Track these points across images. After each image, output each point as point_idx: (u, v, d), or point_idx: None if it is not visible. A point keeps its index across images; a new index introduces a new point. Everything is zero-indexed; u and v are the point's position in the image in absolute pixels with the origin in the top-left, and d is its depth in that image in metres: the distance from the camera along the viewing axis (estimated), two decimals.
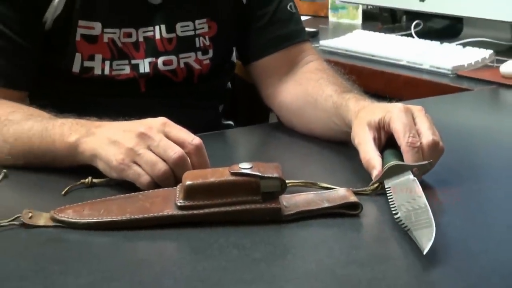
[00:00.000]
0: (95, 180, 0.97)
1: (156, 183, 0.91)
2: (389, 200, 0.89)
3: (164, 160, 0.91)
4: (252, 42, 1.32)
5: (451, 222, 0.87)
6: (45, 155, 1.00)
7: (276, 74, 1.30)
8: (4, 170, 1.01)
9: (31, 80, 1.19)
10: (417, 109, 0.98)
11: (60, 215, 0.86)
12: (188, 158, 0.91)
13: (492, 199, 0.97)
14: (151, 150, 0.91)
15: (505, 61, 1.61)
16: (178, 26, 1.26)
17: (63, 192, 0.94)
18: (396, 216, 0.84)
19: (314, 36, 2.07)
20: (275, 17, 1.31)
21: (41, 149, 1.01)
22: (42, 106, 1.11)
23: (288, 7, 1.32)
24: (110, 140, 0.93)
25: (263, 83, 1.32)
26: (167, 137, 0.93)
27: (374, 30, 2.05)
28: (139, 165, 0.91)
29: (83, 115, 1.03)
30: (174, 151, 0.90)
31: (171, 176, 0.91)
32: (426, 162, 0.93)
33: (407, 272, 0.75)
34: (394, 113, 0.96)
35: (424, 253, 0.74)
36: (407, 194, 0.88)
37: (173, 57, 1.26)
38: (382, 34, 1.97)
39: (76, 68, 1.21)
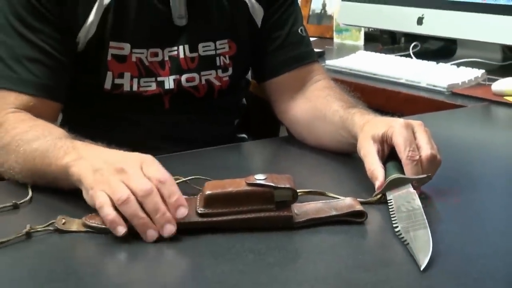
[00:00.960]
0: None
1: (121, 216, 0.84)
2: (390, 212, 0.89)
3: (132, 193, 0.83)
4: (267, 63, 1.33)
5: (449, 228, 0.88)
6: (46, 176, 0.98)
7: (288, 92, 1.30)
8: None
9: (65, 94, 1.19)
10: (417, 124, 0.98)
11: (91, 221, 0.86)
12: (155, 191, 0.83)
13: (487, 207, 0.97)
14: (123, 182, 0.85)
15: (496, 79, 1.61)
16: (200, 46, 1.26)
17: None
18: (396, 230, 0.84)
19: (321, 56, 2.07)
20: (287, 40, 1.31)
21: (42, 170, 0.98)
22: (77, 122, 1.11)
23: (299, 31, 1.33)
24: (93, 168, 0.88)
25: (276, 100, 1.32)
26: (144, 173, 0.86)
27: (375, 51, 2.05)
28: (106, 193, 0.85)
29: (113, 130, 1.03)
30: (143, 184, 0.84)
31: (134, 206, 0.82)
32: (424, 175, 0.94)
33: (408, 276, 0.75)
34: (396, 128, 0.97)
35: (421, 268, 0.74)
36: (407, 208, 0.88)
37: (195, 75, 1.26)
38: (383, 55, 1.97)
39: (107, 85, 1.21)
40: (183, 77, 1.25)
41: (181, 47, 1.24)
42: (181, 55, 1.25)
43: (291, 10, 1.34)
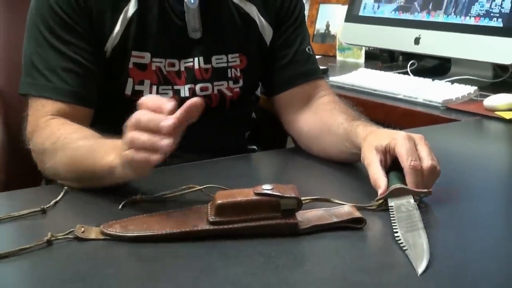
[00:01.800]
0: (143, 197, 0.97)
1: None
2: (391, 218, 0.89)
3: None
4: (276, 78, 1.33)
5: (446, 235, 0.87)
6: (91, 176, 1.00)
7: (295, 106, 1.30)
8: (65, 187, 1.01)
9: (95, 100, 1.20)
10: (418, 137, 0.99)
11: (108, 229, 0.86)
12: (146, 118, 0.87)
13: (480, 214, 0.96)
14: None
15: (488, 95, 1.60)
16: (213, 58, 1.27)
17: (120, 207, 0.94)
18: (396, 235, 0.84)
19: (324, 73, 2.07)
20: (295, 58, 1.32)
21: (88, 170, 1.00)
22: (98, 127, 1.11)
23: (307, 50, 1.34)
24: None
25: (284, 113, 1.32)
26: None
27: (375, 68, 2.05)
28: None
29: None
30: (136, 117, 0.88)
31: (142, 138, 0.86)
32: (425, 190, 0.94)
33: (408, 279, 0.74)
34: (399, 140, 0.97)
35: (419, 274, 0.74)
36: (407, 217, 0.88)
37: (209, 84, 1.27)
38: (382, 72, 1.97)
39: (128, 91, 1.22)
40: (197, 87, 1.26)
41: (196, 59, 1.25)
42: (196, 66, 1.25)
43: (299, 30, 1.35)
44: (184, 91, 1.25)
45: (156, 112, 0.87)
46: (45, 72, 1.15)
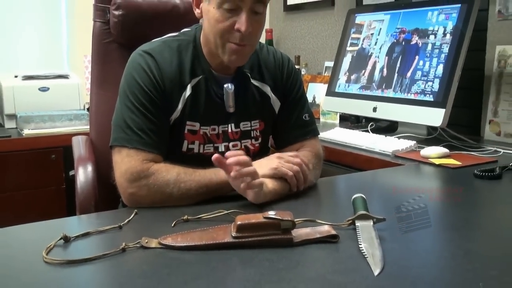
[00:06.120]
0: (189, 218, 0.97)
1: None
2: (357, 234, 0.89)
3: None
4: (281, 136, 1.32)
5: (394, 247, 0.86)
6: (212, 188, 1.08)
7: None
8: (135, 210, 1.01)
9: (166, 152, 1.18)
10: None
11: (164, 241, 0.86)
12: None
13: (419, 234, 0.94)
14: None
15: (424, 147, 1.61)
16: (241, 124, 1.26)
17: (172, 225, 0.94)
18: (360, 247, 0.84)
19: None
20: (295, 124, 1.31)
21: (210, 186, 1.07)
22: None
23: (303, 117, 1.32)
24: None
25: None
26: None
27: (346, 127, 2.06)
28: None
29: None
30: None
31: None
32: (382, 217, 0.93)
33: (368, 279, 0.74)
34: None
35: (375, 275, 0.74)
36: (368, 234, 0.88)
37: (238, 142, 1.26)
38: (351, 130, 1.98)
39: (184, 148, 1.21)
40: (230, 144, 1.25)
41: (230, 125, 1.24)
42: (229, 130, 1.24)
43: (298, 102, 1.32)
44: (222, 147, 1.24)
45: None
46: (137, 131, 1.12)
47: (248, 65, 1.26)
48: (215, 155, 1.01)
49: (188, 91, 1.19)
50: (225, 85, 1.21)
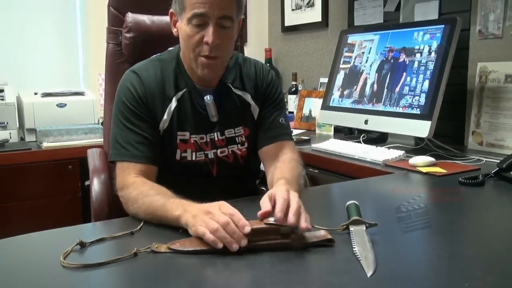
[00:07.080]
0: None
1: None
2: (351, 238, 0.89)
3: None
4: (259, 138, 1.29)
5: (385, 251, 0.86)
6: (162, 219, 0.97)
7: (268, 159, 1.26)
8: (142, 222, 1.00)
9: (159, 161, 1.18)
10: (292, 194, 0.93)
11: (172, 246, 0.86)
12: (230, 221, 0.85)
13: (408, 237, 0.94)
14: (212, 219, 0.86)
15: (412, 157, 1.61)
16: (226, 132, 1.25)
17: (180, 231, 0.93)
18: (354, 251, 0.83)
19: (308, 142, 2.07)
20: (271, 125, 1.28)
21: (161, 216, 0.98)
22: (157, 182, 1.11)
23: (280, 120, 1.29)
24: (193, 215, 0.90)
25: (264, 163, 1.29)
26: (222, 212, 0.87)
27: (340, 139, 2.05)
28: (204, 227, 0.86)
29: (181, 190, 1.01)
30: (223, 218, 0.85)
31: (221, 231, 0.84)
32: (373, 222, 0.92)
33: (361, 279, 0.74)
34: (278, 194, 0.92)
35: (368, 276, 0.74)
36: (361, 238, 0.88)
37: (225, 148, 1.25)
38: (344, 141, 1.97)
39: (177, 156, 1.21)
40: (218, 151, 1.24)
41: (215, 133, 1.24)
42: (216, 138, 1.24)
43: (276, 108, 1.30)
44: (211, 154, 1.24)
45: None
46: (124, 145, 1.14)
47: (231, 77, 1.27)
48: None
49: (173, 103, 1.19)
50: (205, 97, 1.22)
